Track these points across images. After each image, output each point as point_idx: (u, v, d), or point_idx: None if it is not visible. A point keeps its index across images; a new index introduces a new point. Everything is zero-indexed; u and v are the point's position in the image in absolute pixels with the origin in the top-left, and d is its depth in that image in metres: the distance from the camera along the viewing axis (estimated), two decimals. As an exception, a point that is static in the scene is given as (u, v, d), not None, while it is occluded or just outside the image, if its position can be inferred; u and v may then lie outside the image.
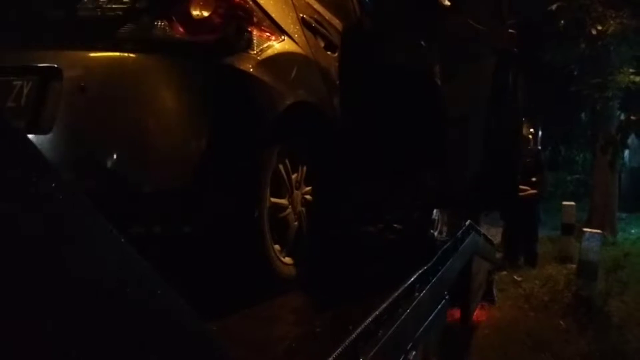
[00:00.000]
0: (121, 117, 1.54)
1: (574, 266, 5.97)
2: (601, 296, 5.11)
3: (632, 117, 4.76)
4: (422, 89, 2.53)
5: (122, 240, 0.59)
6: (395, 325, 1.60)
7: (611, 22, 7.53)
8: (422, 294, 1.97)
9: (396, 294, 1.73)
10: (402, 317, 1.69)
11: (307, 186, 2.15)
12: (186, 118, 1.59)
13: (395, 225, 3.25)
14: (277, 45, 1.87)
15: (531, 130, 8.50)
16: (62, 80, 1.52)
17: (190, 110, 1.60)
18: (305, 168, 2.13)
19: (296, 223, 2.05)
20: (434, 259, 2.35)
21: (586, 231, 5.46)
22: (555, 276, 6.10)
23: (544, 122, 13.39)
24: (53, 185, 0.54)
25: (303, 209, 2.11)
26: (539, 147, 10.18)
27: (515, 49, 3.02)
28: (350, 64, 2.40)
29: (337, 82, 2.31)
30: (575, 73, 9.37)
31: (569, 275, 5.88)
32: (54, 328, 0.51)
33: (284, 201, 1.96)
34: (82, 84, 1.52)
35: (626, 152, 13.94)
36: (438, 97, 2.59)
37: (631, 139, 7.55)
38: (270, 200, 1.84)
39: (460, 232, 3.25)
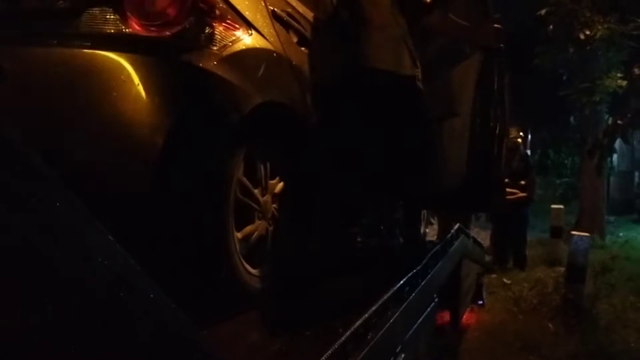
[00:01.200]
0: (69, 119, 1.41)
1: (562, 269, 6.01)
2: (589, 298, 5.16)
3: (619, 122, 4.81)
4: (402, 90, 2.39)
5: (117, 244, 0.60)
6: (385, 328, 1.60)
7: (599, 27, 7.60)
8: (411, 297, 1.98)
9: (385, 297, 1.74)
10: (391, 320, 1.69)
11: (279, 191, 2.03)
12: (140, 120, 1.44)
13: (379, 230, 3.18)
14: (243, 41, 1.72)
15: (520, 134, 8.55)
16: (5, 80, 1.38)
17: (144, 112, 1.44)
18: (277, 173, 2.02)
19: (267, 231, 1.93)
20: (423, 262, 2.37)
21: (574, 234, 5.50)
22: (544, 279, 6.13)
23: (533, 126, 13.50)
24: (45, 188, 0.54)
25: (274, 216, 1.99)
26: (528, 151, 10.25)
27: (501, 45, 2.88)
28: (322, 62, 2.26)
29: (309, 80, 2.16)
30: (564, 77, 9.47)
31: (557, 278, 5.92)
32: (44, 329, 0.51)
33: (252, 208, 1.84)
34: (27, 83, 1.40)
35: (614, 156, 14.09)
36: (419, 99, 2.47)
37: (619, 143, 7.63)
38: (236, 208, 1.71)
39: (449, 235, 3.27)
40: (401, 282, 1.96)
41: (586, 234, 5.59)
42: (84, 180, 1.23)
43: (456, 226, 3.51)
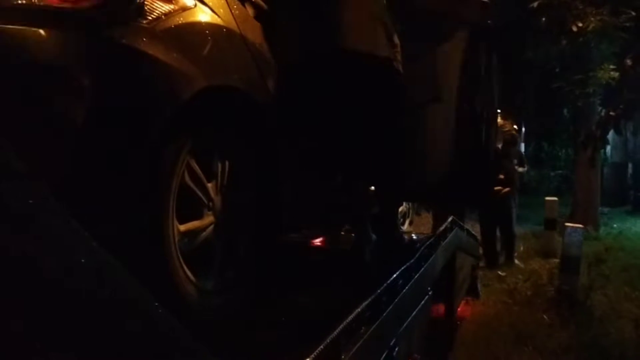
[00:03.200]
0: None
1: (556, 261, 6.04)
2: (583, 290, 5.18)
3: (611, 113, 4.83)
4: (379, 73, 2.15)
5: (94, 242, 0.59)
6: (378, 322, 1.61)
7: (591, 19, 7.61)
8: (404, 290, 1.98)
9: (378, 291, 1.74)
10: (385, 313, 1.69)
11: (235, 190, 1.79)
12: (56, 105, 1.22)
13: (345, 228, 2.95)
14: (182, 14, 1.48)
15: (514, 127, 8.57)
16: None
17: (60, 96, 1.22)
18: (233, 169, 1.78)
19: (219, 237, 1.69)
20: (417, 255, 2.37)
21: (568, 226, 5.52)
22: (538, 271, 6.17)
23: (526, 118, 13.53)
24: (20, 188, 0.53)
25: (230, 218, 1.75)
26: (522, 144, 10.28)
27: (489, 22, 2.63)
28: (288, 41, 2.01)
29: (272, 62, 1.92)
30: (557, 70, 9.48)
31: (552, 270, 5.95)
32: (23, 330, 0.50)
33: (203, 222, 1.62)
34: None
35: (608, 148, 14.14)
36: (397, 82, 2.22)
37: (612, 135, 7.66)
38: (178, 209, 1.48)
39: (442, 228, 3.27)
40: (394, 275, 1.96)
41: (580, 226, 5.61)
42: None
43: (450, 219, 3.52)
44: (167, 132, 1.39)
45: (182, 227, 1.53)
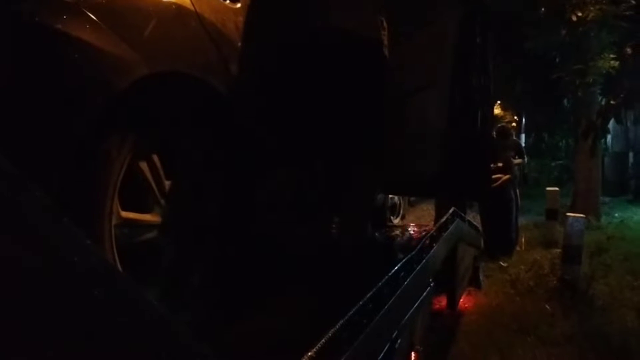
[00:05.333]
0: None
1: (558, 251, 6.04)
2: (585, 279, 5.19)
3: (612, 102, 4.82)
4: (364, 57, 1.94)
5: (87, 240, 0.58)
6: (380, 314, 1.61)
7: (591, 8, 7.59)
8: (406, 282, 1.98)
9: (380, 284, 1.74)
10: (387, 306, 1.70)
11: (195, 190, 1.63)
12: None
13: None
14: None
15: (515, 117, 8.57)
16: None
17: None
18: (188, 166, 1.61)
19: (172, 245, 1.55)
20: (418, 247, 2.37)
21: (569, 216, 5.52)
22: (540, 261, 6.17)
23: (527, 109, 13.51)
24: (8, 187, 0.53)
25: (182, 222, 1.61)
26: (522, 135, 10.27)
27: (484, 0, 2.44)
28: (259, 20, 1.77)
29: (239, 45, 1.69)
30: (557, 60, 9.46)
31: (553, 260, 5.95)
32: (13, 331, 0.50)
33: (147, 217, 1.47)
34: None
35: (608, 137, 14.12)
36: (382, 69, 2.03)
37: (613, 124, 7.65)
38: (120, 214, 1.35)
39: (443, 220, 3.27)
40: (396, 267, 1.96)
41: (581, 215, 5.61)
42: None
43: (451, 210, 3.51)
44: (98, 128, 1.20)
45: (124, 214, 1.38)
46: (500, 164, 6.53)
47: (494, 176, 5.96)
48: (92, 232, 1.22)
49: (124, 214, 1.37)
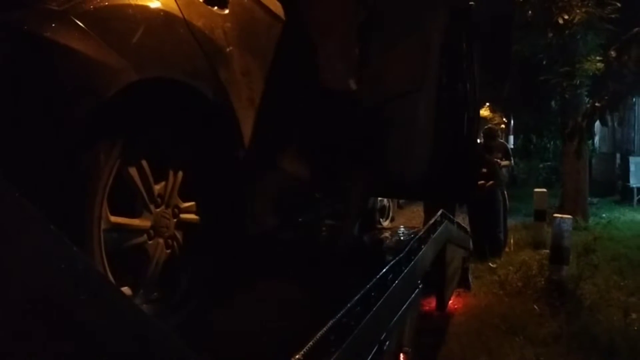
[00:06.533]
0: None
1: (546, 251, 6.09)
2: (573, 280, 5.24)
3: (597, 104, 4.88)
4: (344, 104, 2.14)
5: (74, 247, 0.58)
6: (368, 317, 1.62)
7: (577, 11, 7.69)
8: (394, 284, 2.00)
9: (368, 286, 1.76)
10: (375, 308, 1.70)
11: (185, 200, 1.63)
12: None
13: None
14: None
15: (504, 119, 8.63)
16: None
17: None
18: (180, 173, 1.60)
19: (164, 253, 1.54)
20: (407, 249, 2.38)
21: (557, 217, 5.57)
22: (528, 262, 6.21)
23: (515, 111, 13.61)
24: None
25: (177, 232, 1.60)
26: (511, 137, 10.34)
27: (470, 3, 2.47)
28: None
29: (228, 50, 1.70)
30: (544, 62, 9.55)
31: (542, 261, 6.00)
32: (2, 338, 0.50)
33: (136, 221, 1.45)
34: None
35: (596, 138, 14.26)
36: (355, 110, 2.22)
37: (600, 126, 7.73)
38: (109, 218, 1.34)
39: (432, 222, 3.29)
40: (384, 269, 1.97)
41: (569, 216, 5.66)
42: None
43: (439, 212, 3.54)
44: (87, 134, 1.21)
45: (113, 219, 1.38)
46: (484, 170, 6.59)
47: (479, 182, 6.00)
48: (81, 237, 1.22)
49: (113, 218, 1.37)
